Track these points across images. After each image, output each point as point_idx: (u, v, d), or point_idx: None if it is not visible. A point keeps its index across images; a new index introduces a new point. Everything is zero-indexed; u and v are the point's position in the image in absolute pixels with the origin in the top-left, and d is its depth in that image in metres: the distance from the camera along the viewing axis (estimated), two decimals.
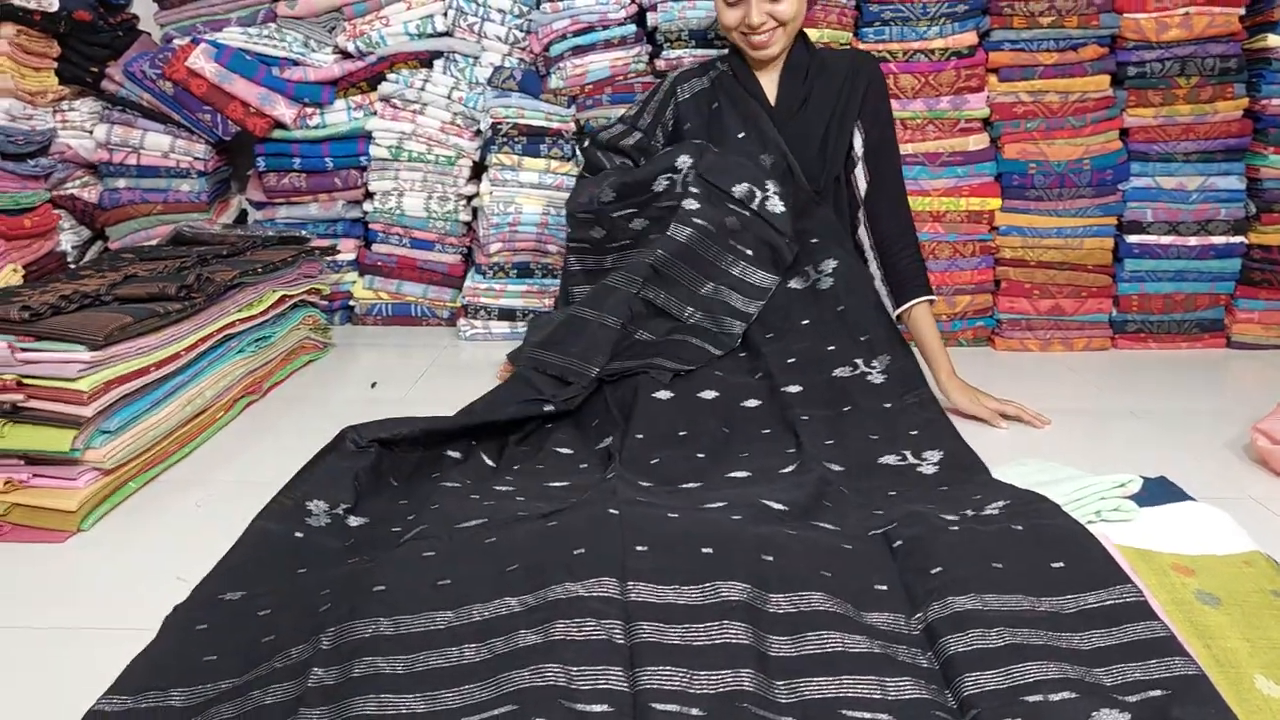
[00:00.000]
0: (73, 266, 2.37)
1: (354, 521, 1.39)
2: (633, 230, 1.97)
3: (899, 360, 1.75)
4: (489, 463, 1.58)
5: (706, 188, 1.88)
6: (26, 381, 1.44)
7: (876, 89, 2.02)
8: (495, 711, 0.90)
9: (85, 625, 1.20)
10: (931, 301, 1.97)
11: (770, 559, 1.07)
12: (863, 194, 2.01)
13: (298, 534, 1.34)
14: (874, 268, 2.00)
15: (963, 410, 1.84)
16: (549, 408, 1.66)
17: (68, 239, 2.46)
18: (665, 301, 1.84)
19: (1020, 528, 1.13)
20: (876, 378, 1.71)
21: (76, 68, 2.41)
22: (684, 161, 1.92)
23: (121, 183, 2.46)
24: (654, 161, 1.98)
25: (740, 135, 2.00)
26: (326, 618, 1.05)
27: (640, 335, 1.81)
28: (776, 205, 1.87)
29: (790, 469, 1.43)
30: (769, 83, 2.03)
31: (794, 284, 1.90)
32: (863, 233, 2.02)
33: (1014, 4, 2.29)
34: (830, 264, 1.90)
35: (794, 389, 1.69)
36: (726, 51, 2.08)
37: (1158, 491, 1.33)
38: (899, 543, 1.14)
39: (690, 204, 1.85)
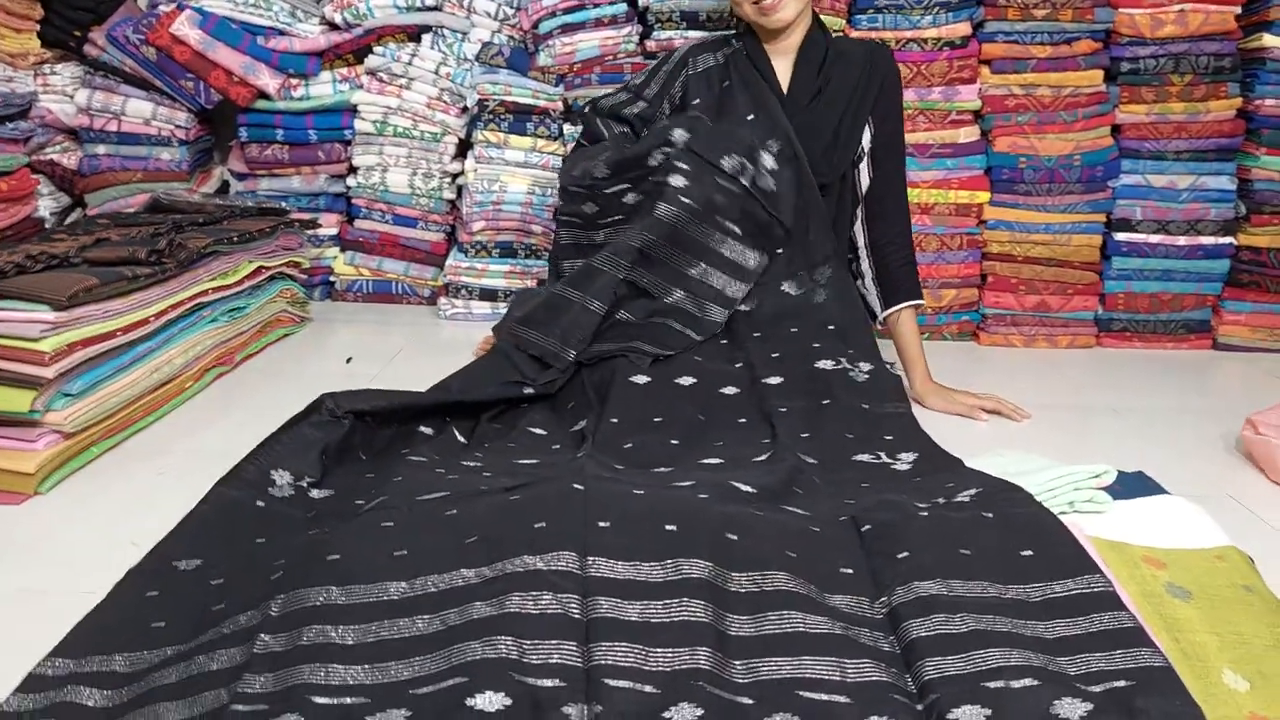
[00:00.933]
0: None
1: (317, 494, 1.37)
2: (625, 205, 1.91)
3: (881, 373, 1.72)
4: (460, 439, 1.56)
5: (696, 162, 1.81)
6: None
7: (892, 84, 1.95)
8: (444, 684, 0.88)
9: (36, 588, 1.18)
10: (918, 306, 1.94)
11: (734, 538, 1.05)
12: (864, 191, 1.96)
13: (259, 503, 1.31)
14: (865, 265, 1.96)
15: (940, 411, 1.82)
16: (527, 390, 1.64)
17: (46, 205, 2.42)
18: (650, 283, 1.80)
19: (990, 515, 1.11)
20: (860, 376, 1.69)
21: (59, 31, 2.37)
22: (679, 135, 1.85)
23: (102, 149, 2.43)
24: (650, 136, 1.92)
25: (750, 118, 1.92)
26: (278, 585, 1.03)
27: (621, 316, 1.78)
28: (768, 182, 1.82)
29: (763, 458, 1.41)
30: (783, 67, 1.95)
31: (788, 288, 1.86)
32: (858, 228, 1.97)
33: None
34: (825, 272, 1.87)
35: (774, 380, 1.66)
36: (741, 30, 2.01)
37: (1133, 485, 1.31)
38: (868, 527, 1.12)
39: (677, 180, 1.79)
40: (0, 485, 1.40)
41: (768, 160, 1.84)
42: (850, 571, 1.04)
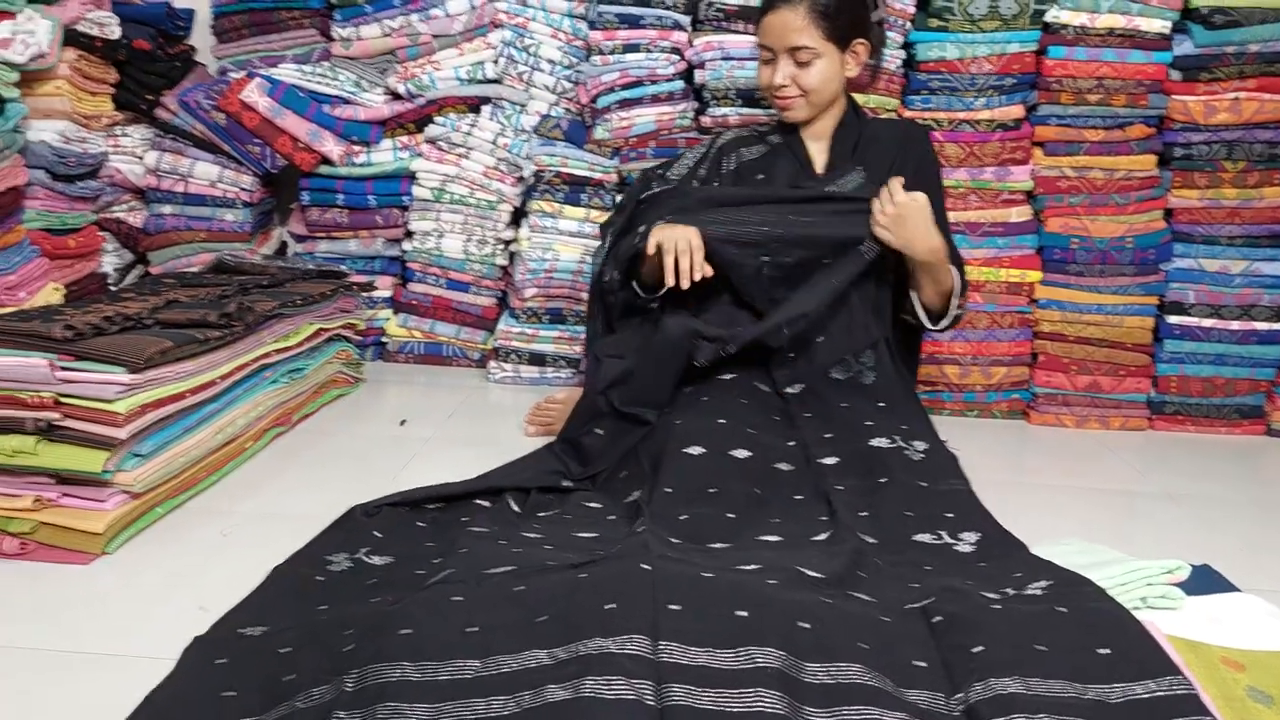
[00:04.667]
0: (113, 288, 2.38)
1: (378, 560, 1.39)
2: None
3: (937, 450, 1.70)
4: (514, 508, 1.57)
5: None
6: (64, 400, 1.44)
7: (927, 159, 1.99)
8: None
9: (104, 651, 1.19)
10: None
11: (806, 626, 1.04)
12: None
13: (318, 578, 1.33)
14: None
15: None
16: (566, 483, 1.66)
17: (110, 261, 2.47)
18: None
19: (1065, 610, 1.10)
20: (915, 455, 1.68)
21: (132, 94, 2.44)
22: None
23: (167, 209, 2.48)
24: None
25: None
26: (350, 658, 1.03)
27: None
28: None
29: (823, 537, 1.41)
30: (818, 152, 1.99)
31: (836, 374, 1.86)
32: (912, 294, 1.97)
33: (1062, 80, 2.29)
34: (869, 356, 1.87)
35: (830, 460, 1.65)
36: (769, 120, 2.06)
37: (1204, 581, 1.29)
38: (938, 618, 1.11)
39: None
40: (70, 544, 1.42)
41: None
42: (924, 665, 1.03)
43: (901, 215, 1.77)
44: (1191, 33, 2.26)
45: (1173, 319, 2.35)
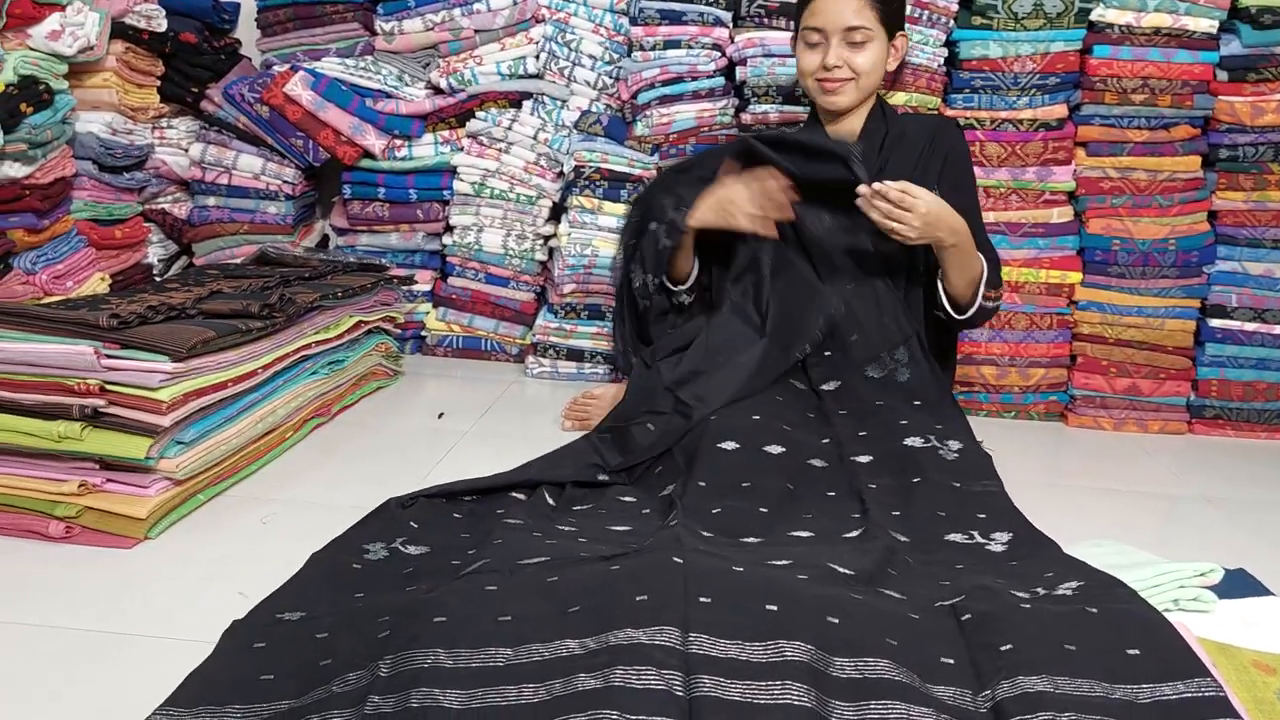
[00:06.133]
0: (158, 279, 2.43)
1: (414, 550, 1.41)
2: None
3: (971, 450, 1.70)
4: (550, 501, 1.58)
5: None
6: (109, 388, 1.47)
7: (957, 152, 1.96)
8: None
9: (145, 633, 1.22)
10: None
11: (835, 621, 1.05)
12: None
13: (355, 565, 1.35)
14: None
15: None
16: (602, 477, 1.68)
17: (155, 252, 2.52)
18: None
19: (1095, 610, 1.09)
20: (949, 454, 1.67)
21: (178, 87, 2.48)
22: None
23: (211, 201, 2.53)
24: None
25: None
26: (385, 644, 1.05)
27: None
28: None
29: (855, 534, 1.41)
30: None
31: (871, 372, 1.86)
32: (942, 295, 1.96)
33: (1106, 80, 2.27)
34: (903, 353, 1.87)
35: (863, 459, 1.66)
36: (806, 117, 2.06)
37: (1237, 584, 1.28)
38: (968, 616, 1.11)
39: None
40: (114, 529, 1.45)
41: None
42: (951, 662, 1.03)
43: (926, 216, 1.73)
44: (1239, 32, 2.23)
45: (1215, 322, 2.32)
